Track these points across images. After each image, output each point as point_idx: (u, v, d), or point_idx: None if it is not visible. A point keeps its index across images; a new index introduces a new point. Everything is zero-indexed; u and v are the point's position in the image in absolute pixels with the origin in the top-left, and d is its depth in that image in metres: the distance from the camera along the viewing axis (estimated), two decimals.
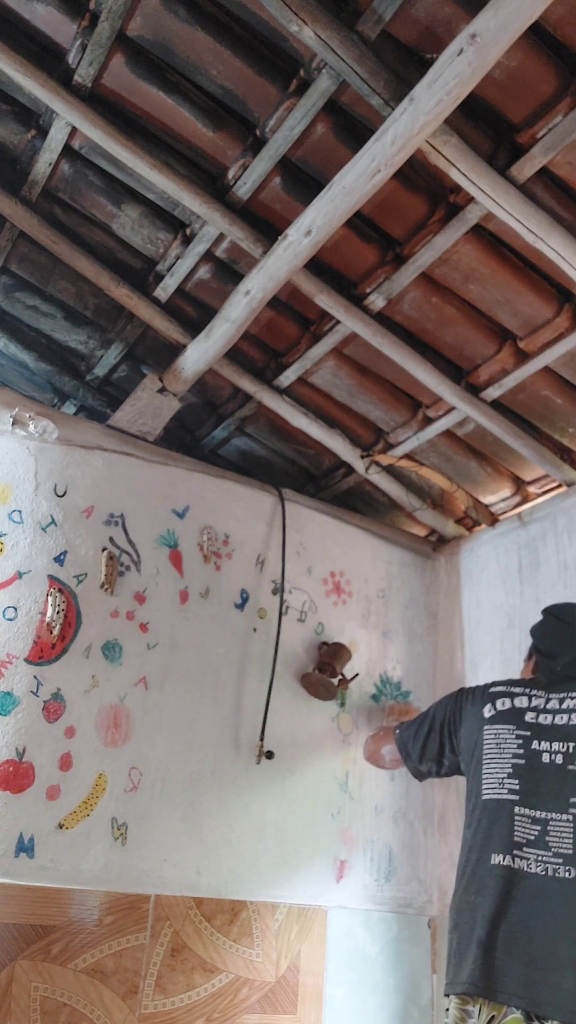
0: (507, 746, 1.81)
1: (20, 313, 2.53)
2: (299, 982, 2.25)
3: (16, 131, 2.05)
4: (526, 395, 2.36)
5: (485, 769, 1.82)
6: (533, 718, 1.83)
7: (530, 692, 1.90)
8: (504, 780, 1.77)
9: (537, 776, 1.74)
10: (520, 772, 1.76)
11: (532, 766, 1.76)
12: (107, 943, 2.01)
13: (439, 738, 2.04)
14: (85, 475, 2.36)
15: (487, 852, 1.71)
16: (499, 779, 1.78)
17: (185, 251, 2.20)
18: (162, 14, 1.70)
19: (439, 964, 2.47)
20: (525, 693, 1.90)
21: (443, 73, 1.51)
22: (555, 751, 1.76)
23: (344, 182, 1.77)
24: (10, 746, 2.00)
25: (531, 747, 1.79)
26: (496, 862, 1.68)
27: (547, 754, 1.77)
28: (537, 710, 1.85)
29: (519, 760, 1.78)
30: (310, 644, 2.62)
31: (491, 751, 1.83)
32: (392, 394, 2.54)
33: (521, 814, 1.71)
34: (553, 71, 1.63)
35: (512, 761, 1.78)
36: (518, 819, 1.70)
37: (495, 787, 1.78)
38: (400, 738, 2.17)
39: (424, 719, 2.12)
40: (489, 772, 1.81)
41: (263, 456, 2.94)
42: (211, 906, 2.18)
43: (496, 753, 1.82)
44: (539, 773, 1.75)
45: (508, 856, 1.67)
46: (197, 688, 2.35)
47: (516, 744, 1.81)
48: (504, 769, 1.78)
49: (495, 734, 1.85)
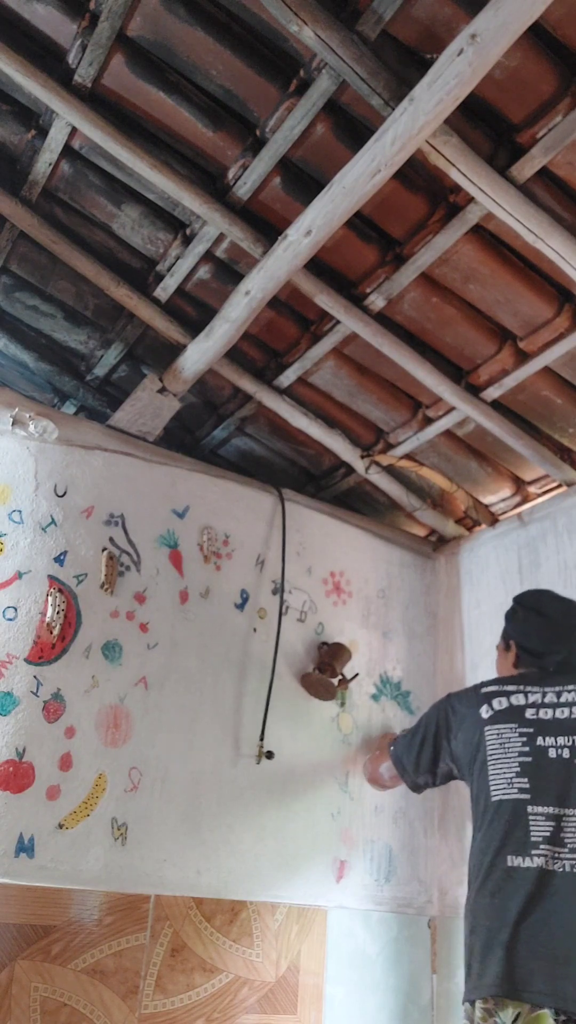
0: (511, 745, 1.80)
1: (20, 313, 2.53)
2: (299, 982, 2.25)
3: (16, 131, 2.05)
4: (526, 395, 2.36)
5: (492, 770, 1.80)
6: (534, 714, 1.83)
7: (525, 689, 1.88)
8: (513, 780, 1.75)
9: (546, 772, 1.74)
10: (528, 770, 1.75)
11: (540, 763, 1.75)
12: (107, 943, 2.01)
13: (433, 747, 2.01)
14: (85, 475, 2.36)
15: (503, 854, 1.69)
16: (507, 779, 1.76)
17: (185, 251, 2.20)
18: (162, 14, 1.70)
19: (439, 964, 2.47)
20: (520, 690, 1.88)
21: (443, 73, 1.51)
22: (561, 746, 1.75)
23: (344, 182, 1.77)
24: (10, 746, 2.00)
25: (536, 744, 1.78)
26: (514, 864, 1.66)
27: (553, 749, 1.76)
28: (536, 706, 1.83)
29: (526, 758, 1.77)
30: (310, 644, 2.62)
31: (495, 751, 1.81)
32: (392, 394, 2.54)
33: (535, 812, 1.69)
34: (553, 71, 1.63)
35: (519, 760, 1.77)
36: (532, 818, 1.69)
37: (504, 787, 1.76)
38: (395, 753, 2.14)
39: (416, 730, 2.09)
40: (496, 772, 1.79)
41: (263, 456, 2.94)
42: (211, 906, 2.18)
43: (501, 753, 1.81)
44: (547, 769, 1.74)
45: (526, 857, 1.66)
46: (197, 688, 2.35)
47: (521, 742, 1.79)
48: (511, 768, 1.77)
49: (497, 734, 1.83)
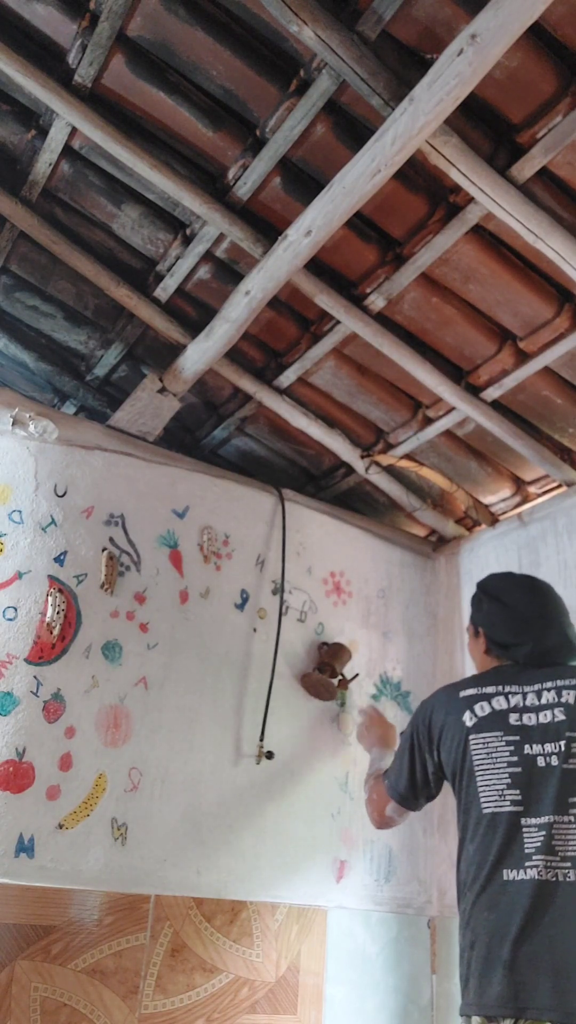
0: (499, 755, 1.76)
1: (20, 313, 2.53)
2: (299, 982, 2.25)
3: (16, 131, 2.05)
4: (526, 395, 2.36)
5: (480, 781, 1.76)
6: (517, 719, 1.79)
7: (504, 690, 1.84)
8: (504, 792, 1.72)
9: (537, 782, 1.70)
10: (519, 781, 1.71)
11: (530, 773, 1.72)
12: (107, 943, 2.01)
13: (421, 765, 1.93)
14: (85, 475, 2.36)
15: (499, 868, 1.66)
16: (498, 791, 1.73)
17: (185, 251, 2.20)
18: (162, 14, 1.70)
19: (439, 964, 2.47)
20: (501, 692, 1.84)
21: (443, 73, 1.51)
22: (548, 753, 1.72)
23: (344, 182, 1.77)
24: (10, 746, 2.00)
25: (524, 752, 1.74)
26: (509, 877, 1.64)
27: (541, 757, 1.72)
28: (519, 710, 1.80)
29: (515, 768, 1.73)
30: (310, 644, 2.62)
31: (482, 761, 1.77)
32: (392, 394, 2.54)
33: (528, 824, 1.67)
34: (553, 71, 1.63)
35: (508, 770, 1.73)
36: (526, 830, 1.67)
37: (495, 799, 1.73)
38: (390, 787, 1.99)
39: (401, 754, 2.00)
40: (485, 784, 1.75)
41: (263, 456, 2.94)
42: (211, 906, 2.18)
43: (489, 763, 1.77)
44: (537, 778, 1.71)
45: (520, 869, 1.64)
46: (197, 688, 2.35)
47: (508, 751, 1.75)
48: (502, 780, 1.73)
49: (483, 743, 1.79)
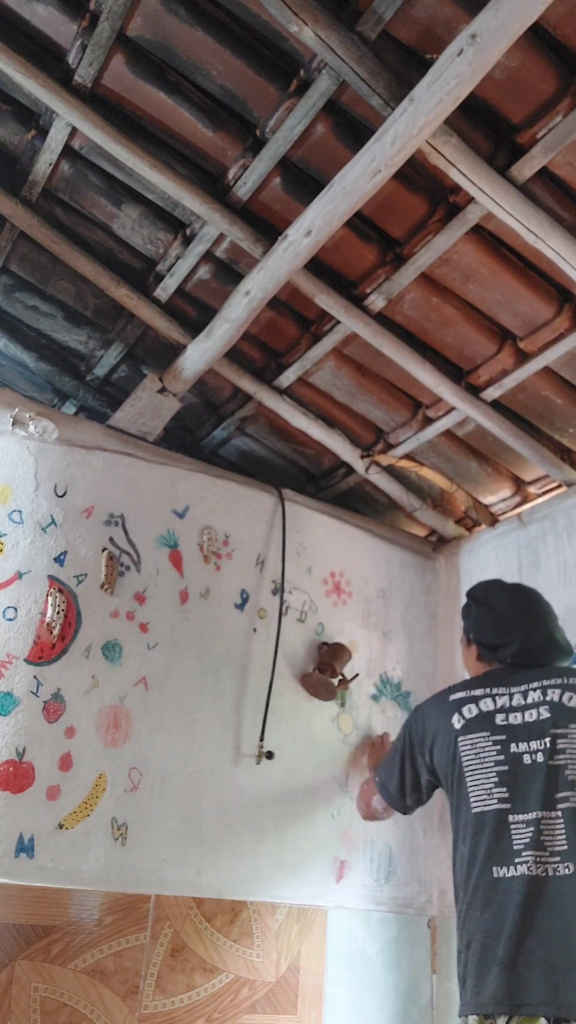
0: (487, 755, 1.78)
1: (20, 313, 2.53)
2: (299, 982, 2.25)
3: (16, 131, 2.05)
4: (526, 395, 2.36)
5: (469, 781, 1.78)
6: (504, 720, 1.81)
7: (492, 692, 1.86)
8: (492, 790, 1.74)
9: (523, 779, 1.72)
10: (506, 779, 1.73)
11: (516, 770, 1.73)
12: (107, 943, 2.01)
13: (413, 766, 1.97)
14: (85, 475, 2.36)
15: (488, 866, 1.68)
16: (486, 789, 1.74)
17: (185, 251, 2.20)
18: (162, 14, 1.70)
19: (439, 964, 2.47)
20: (488, 695, 1.86)
21: (443, 73, 1.51)
22: (534, 750, 1.74)
23: (344, 182, 1.77)
24: (10, 746, 2.00)
25: (511, 751, 1.76)
26: (499, 875, 1.65)
27: (528, 755, 1.74)
28: (506, 710, 1.81)
29: (502, 767, 1.75)
30: (310, 644, 2.62)
31: (471, 761, 1.79)
32: (392, 394, 2.54)
33: (516, 821, 1.69)
34: (553, 71, 1.63)
35: (495, 769, 1.75)
36: (514, 827, 1.68)
37: (483, 798, 1.74)
38: (380, 784, 2.08)
39: (394, 754, 2.04)
40: (474, 783, 1.77)
41: (263, 456, 2.94)
42: (211, 906, 2.18)
43: (477, 763, 1.79)
44: (524, 776, 1.72)
45: (510, 866, 1.65)
46: (197, 688, 2.35)
47: (495, 750, 1.77)
48: (489, 779, 1.75)
49: (471, 744, 1.81)
